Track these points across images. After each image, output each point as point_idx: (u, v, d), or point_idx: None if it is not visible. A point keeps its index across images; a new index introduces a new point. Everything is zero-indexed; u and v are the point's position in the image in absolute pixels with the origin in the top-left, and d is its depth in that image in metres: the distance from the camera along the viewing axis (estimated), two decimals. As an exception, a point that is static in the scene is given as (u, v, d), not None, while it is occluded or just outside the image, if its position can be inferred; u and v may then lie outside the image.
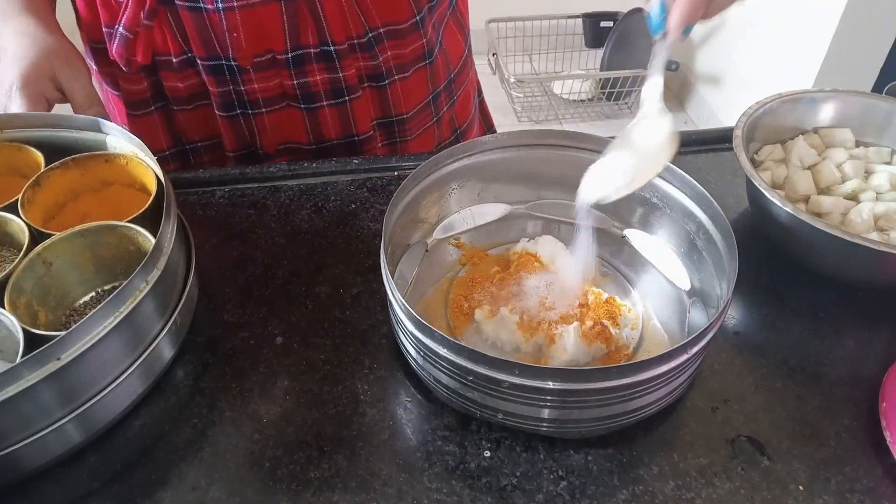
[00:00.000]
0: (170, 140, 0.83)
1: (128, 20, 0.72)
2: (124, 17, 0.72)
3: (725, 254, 0.56)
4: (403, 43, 0.79)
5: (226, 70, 0.75)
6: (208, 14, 0.71)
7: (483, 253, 0.68)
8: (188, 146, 0.84)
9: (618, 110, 2.66)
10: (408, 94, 0.84)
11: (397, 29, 0.78)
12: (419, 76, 0.83)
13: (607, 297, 0.61)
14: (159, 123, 0.81)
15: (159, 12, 0.72)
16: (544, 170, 0.67)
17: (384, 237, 0.55)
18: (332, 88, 0.78)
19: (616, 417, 0.51)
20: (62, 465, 0.51)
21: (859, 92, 0.74)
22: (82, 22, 0.78)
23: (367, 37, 0.77)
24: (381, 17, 0.77)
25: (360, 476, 0.51)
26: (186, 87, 0.78)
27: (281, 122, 0.80)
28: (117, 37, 0.73)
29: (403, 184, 0.60)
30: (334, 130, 0.82)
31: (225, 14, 0.71)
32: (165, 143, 0.83)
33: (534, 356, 0.58)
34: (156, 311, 0.54)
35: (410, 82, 0.83)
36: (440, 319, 0.62)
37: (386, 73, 0.80)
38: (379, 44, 0.78)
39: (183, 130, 0.83)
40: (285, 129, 0.81)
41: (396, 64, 0.80)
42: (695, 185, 0.60)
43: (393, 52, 0.79)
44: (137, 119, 0.80)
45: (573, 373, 0.48)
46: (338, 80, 0.78)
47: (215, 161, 0.86)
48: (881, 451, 0.53)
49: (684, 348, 0.48)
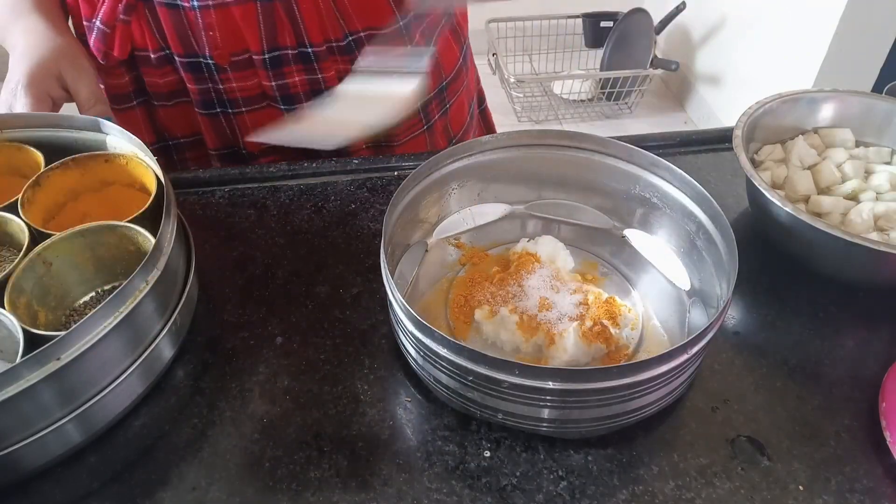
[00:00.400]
0: (153, 135, 0.83)
1: (105, 14, 0.72)
2: (102, 11, 0.72)
3: (725, 254, 0.56)
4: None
5: (204, 68, 0.75)
6: (185, 11, 0.71)
7: (483, 253, 0.68)
8: (171, 142, 0.84)
9: (618, 110, 2.66)
10: None
11: (380, 34, 0.78)
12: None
13: (607, 297, 0.61)
14: (141, 118, 0.81)
15: (137, 8, 0.72)
16: (544, 170, 0.67)
17: (384, 237, 0.55)
18: (312, 89, 0.78)
19: (616, 417, 0.51)
20: (62, 465, 0.51)
21: (859, 92, 0.74)
22: (71, 14, 0.78)
23: (346, 40, 0.77)
24: (361, 22, 0.76)
25: (360, 476, 0.51)
26: (165, 83, 0.78)
27: (261, 122, 0.80)
28: (95, 30, 0.73)
29: (403, 184, 0.60)
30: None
31: (200, 12, 0.71)
32: (148, 139, 0.83)
33: (534, 356, 0.58)
34: (156, 311, 0.54)
35: None
36: (440, 319, 0.62)
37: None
38: (360, 47, 0.78)
39: (165, 126, 0.83)
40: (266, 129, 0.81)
41: None
42: (695, 184, 0.60)
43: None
44: (120, 113, 0.80)
45: (573, 373, 0.48)
46: (317, 81, 0.78)
47: (198, 158, 0.86)
48: (881, 451, 0.53)
49: (684, 348, 0.48)
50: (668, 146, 0.81)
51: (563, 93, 2.66)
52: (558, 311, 0.59)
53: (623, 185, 0.66)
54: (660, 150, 0.82)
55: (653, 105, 2.73)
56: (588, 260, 0.67)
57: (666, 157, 0.63)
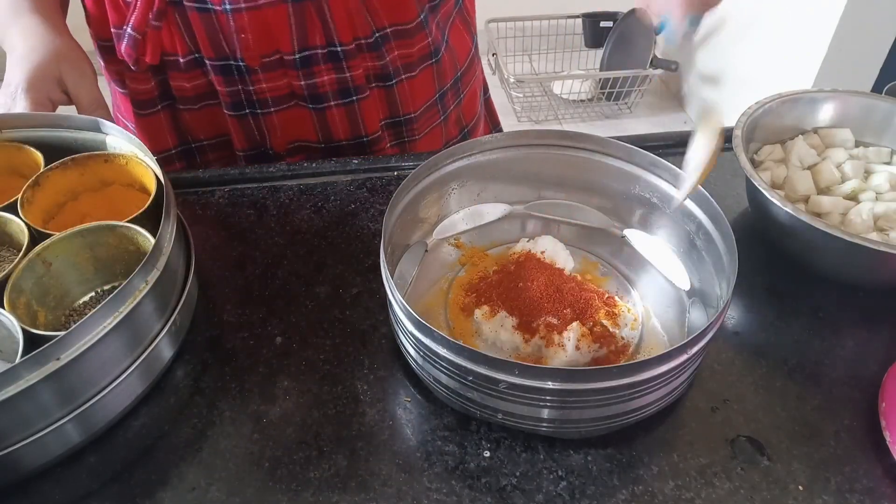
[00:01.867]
0: (175, 139, 0.83)
1: (136, 21, 0.72)
2: (133, 17, 0.72)
3: (725, 254, 0.56)
4: (411, 42, 0.80)
5: (234, 70, 0.76)
6: (216, 15, 0.71)
7: (483, 253, 0.68)
8: (194, 144, 0.84)
9: (617, 110, 2.66)
10: (415, 94, 0.84)
11: (404, 29, 0.78)
12: (426, 75, 0.83)
13: (607, 297, 0.61)
14: (165, 122, 0.82)
15: (168, 13, 0.72)
16: (544, 170, 0.67)
17: (384, 237, 0.55)
18: (340, 88, 0.78)
19: (616, 417, 0.51)
20: (62, 465, 0.51)
21: (859, 92, 0.74)
22: (91, 19, 0.78)
23: (373, 37, 0.77)
24: (388, 18, 0.77)
25: (360, 476, 0.51)
26: (193, 87, 0.78)
27: (290, 122, 0.81)
28: (126, 37, 0.73)
29: (403, 184, 0.60)
30: (343, 131, 0.82)
31: (233, 15, 0.71)
32: (171, 142, 0.83)
33: (533, 356, 0.58)
34: (155, 311, 0.54)
35: (418, 81, 0.83)
36: (440, 319, 0.62)
37: (393, 72, 0.81)
38: (386, 43, 0.78)
39: (189, 129, 0.83)
40: (294, 128, 0.81)
41: (404, 63, 0.81)
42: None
43: (400, 52, 0.80)
44: (144, 118, 0.80)
45: (572, 373, 0.48)
46: (345, 79, 0.78)
47: (222, 160, 0.86)
48: (881, 451, 0.53)
49: (684, 348, 0.48)
50: (668, 146, 0.81)
51: (562, 93, 2.66)
52: (557, 312, 0.59)
53: (623, 185, 0.66)
54: (660, 150, 0.82)
55: (652, 105, 2.73)
56: (588, 260, 0.67)
57: (666, 157, 0.63)
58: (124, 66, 0.76)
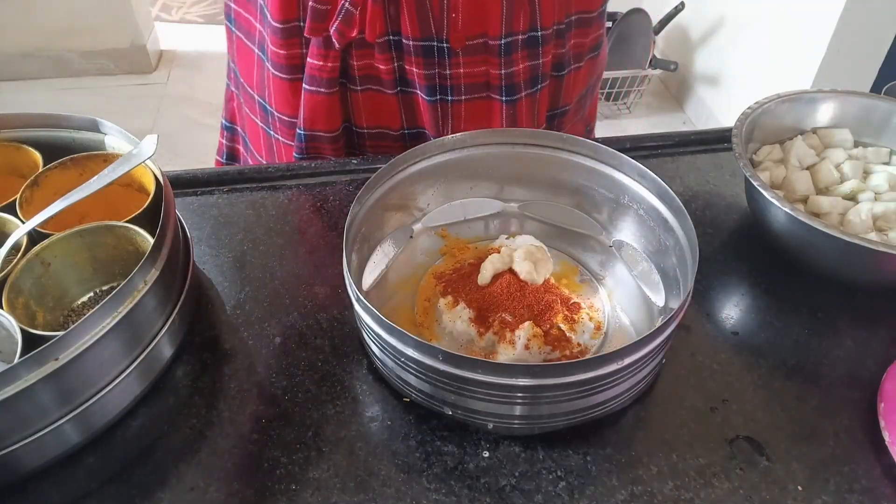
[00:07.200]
0: (339, 120, 0.81)
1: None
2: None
3: (690, 265, 0.56)
4: (587, 31, 0.80)
5: (435, 52, 0.74)
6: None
7: (465, 245, 0.68)
8: (356, 129, 0.82)
9: (617, 110, 2.66)
10: (576, 85, 0.83)
11: (587, 17, 0.79)
12: (588, 67, 0.83)
13: (572, 302, 0.61)
14: (339, 103, 0.79)
15: None
16: (536, 170, 0.68)
17: (348, 227, 0.56)
18: (531, 76, 0.78)
19: (572, 414, 0.52)
20: (60, 465, 0.51)
21: (858, 92, 0.74)
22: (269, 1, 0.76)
23: (566, 21, 0.77)
24: (577, 5, 0.77)
25: (359, 476, 0.51)
26: (386, 70, 0.76)
27: (476, 113, 0.79)
28: (342, 12, 0.71)
29: (381, 170, 0.61)
30: (526, 122, 0.80)
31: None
32: (336, 124, 0.81)
33: (486, 350, 0.58)
34: (154, 311, 0.54)
35: (581, 73, 0.83)
36: (407, 302, 0.62)
37: (566, 62, 0.80)
38: (568, 31, 0.78)
39: (356, 112, 0.80)
40: (479, 119, 0.80)
41: (575, 53, 0.81)
42: (674, 198, 0.59)
43: (575, 41, 0.80)
44: (322, 96, 0.78)
45: (496, 367, 0.48)
46: (537, 66, 0.77)
47: (378, 147, 0.83)
48: (880, 451, 0.53)
49: (631, 349, 0.48)
50: (667, 146, 0.81)
51: (562, 93, 2.66)
52: (514, 310, 0.59)
53: (613, 193, 0.65)
54: (658, 151, 0.82)
55: (651, 105, 2.73)
56: (569, 264, 0.67)
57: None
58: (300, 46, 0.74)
